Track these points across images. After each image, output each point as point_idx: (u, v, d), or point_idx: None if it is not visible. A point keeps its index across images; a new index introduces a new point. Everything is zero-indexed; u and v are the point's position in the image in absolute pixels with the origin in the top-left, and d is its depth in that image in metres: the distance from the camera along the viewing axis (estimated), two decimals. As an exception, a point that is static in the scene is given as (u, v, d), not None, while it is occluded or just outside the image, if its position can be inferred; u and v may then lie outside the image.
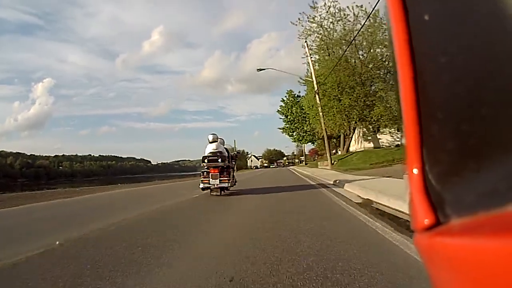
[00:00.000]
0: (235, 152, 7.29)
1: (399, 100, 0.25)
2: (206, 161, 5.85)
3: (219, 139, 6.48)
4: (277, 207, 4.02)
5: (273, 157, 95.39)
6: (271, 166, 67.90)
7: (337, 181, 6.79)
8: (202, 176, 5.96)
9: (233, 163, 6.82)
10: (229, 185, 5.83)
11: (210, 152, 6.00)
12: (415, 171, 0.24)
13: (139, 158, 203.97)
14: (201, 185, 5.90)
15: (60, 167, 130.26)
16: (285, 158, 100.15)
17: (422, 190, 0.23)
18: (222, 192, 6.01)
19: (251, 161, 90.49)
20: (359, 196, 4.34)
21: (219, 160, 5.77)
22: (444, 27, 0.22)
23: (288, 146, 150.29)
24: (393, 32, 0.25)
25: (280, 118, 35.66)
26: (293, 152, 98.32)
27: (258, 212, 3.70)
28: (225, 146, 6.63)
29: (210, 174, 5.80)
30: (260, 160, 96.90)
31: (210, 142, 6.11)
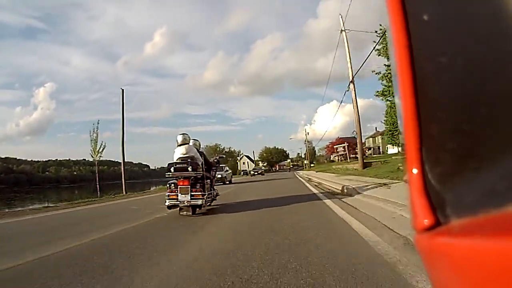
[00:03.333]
0: (216, 158, 5.65)
1: (398, 100, 0.25)
2: (172, 169, 4.21)
3: (192, 141, 4.88)
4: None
5: (273, 158, 73.46)
6: (261, 173, 34.24)
7: None
8: (168, 190, 4.32)
9: (213, 170, 5.19)
10: (204, 202, 4.19)
11: (179, 158, 4.39)
12: (415, 171, 0.24)
13: (136, 162, 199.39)
14: (167, 202, 4.30)
15: (47, 172, 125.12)
16: (289, 160, 79.86)
17: (421, 190, 0.23)
18: (198, 210, 4.37)
19: (243, 163, 67.49)
20: None
21: (190, 168, 4.16)
22: (444, 27, 0.22)
23: (292, 138, 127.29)
24: (392, 32, 0.25)
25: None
26: (298, 154, 79.32)
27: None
28: (201, 150, 5.01)
29: (179, 187, 4.16)
30: (245, 162, 67.67)
31: (179, 145, 4.51)
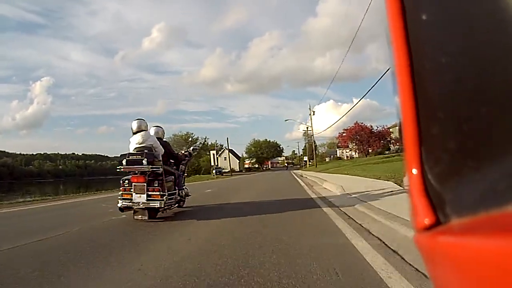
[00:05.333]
0: (188, 150, 4.81)
1: (398, 100, 0.25)
2: (124, 162, 3.50)
3: (153, 128, 4.16)
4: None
5: (264, 153, 58.47)
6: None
7: None
8: (122, 188, 3.60)
9: (183, 164, 4.47)
10: (164, 204, 3.47)
11: (135, 149, 3.66)
12: (415, 171, 0.24)
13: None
14: (120, 203, 3.56)
15: (31, 166, 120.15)
16: (283, 158, 68.79)
17: (421, 190, 0.23)
18: (160, 213, 3.68)
19: (225, 159, 49.14)
20: None
21: (145, 161, 3.43)
22: (443, 26, 0.22)
23: (288, 120, 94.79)
24: (390, 31, 0.25)
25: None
26: (293, 151, 67.02)
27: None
28: (164, 139, 4.28)
29: (133, 184, 3.45)
30: (227, 158, 48.53)
31: (134, 133, 3.76)
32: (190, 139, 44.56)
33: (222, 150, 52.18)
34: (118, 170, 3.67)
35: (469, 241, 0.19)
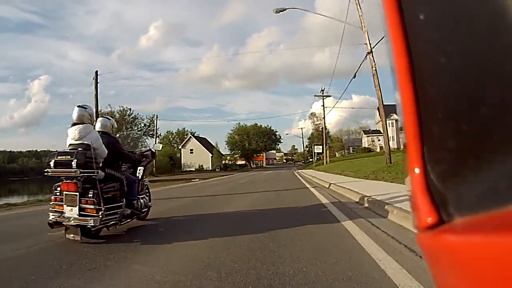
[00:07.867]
0: (150, 149, 3.84)
1: (399, 100, 0.25)
2: (52, 164, 2.58)
3: (101, 121, 3.21)
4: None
5: (252, 144, 40.67)
6: None
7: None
8: (53, 197, 2.68)
9: (142, 165, 3.54)
10: (99, 222, 2.56)
11: (70, 145, 2.73)
12: (417, 170, 0.24)
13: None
14: (51, 216, 2.62)
15: (14, 164, 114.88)
16: (281, 154, 56.09)
17: (424, 189, 0.23)
18: (108, 230, 2.80)
19: (191, 151, 36.46)
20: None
21: (74, 163, 2.52)
22: (442, 26, 0.22)
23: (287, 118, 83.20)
24: (389, 32, 0.25)
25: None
26: (293, 146, 55.83)
27: None
28: (118, 135, 3.33)
29: (64, 193, 2.53)
30: (193, 150, 36.76)
31: (73, 124, 2.82)
32: (125, 116, 29.66)
33: (187, 138, 36.30)
34: (45, 174, 2.74)
35: (472, 240, 0.19)
